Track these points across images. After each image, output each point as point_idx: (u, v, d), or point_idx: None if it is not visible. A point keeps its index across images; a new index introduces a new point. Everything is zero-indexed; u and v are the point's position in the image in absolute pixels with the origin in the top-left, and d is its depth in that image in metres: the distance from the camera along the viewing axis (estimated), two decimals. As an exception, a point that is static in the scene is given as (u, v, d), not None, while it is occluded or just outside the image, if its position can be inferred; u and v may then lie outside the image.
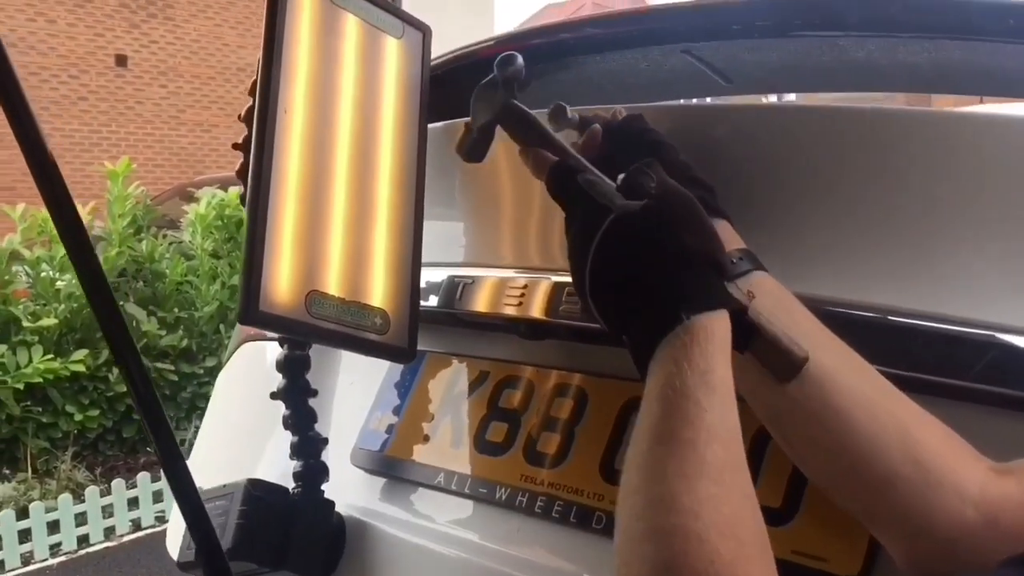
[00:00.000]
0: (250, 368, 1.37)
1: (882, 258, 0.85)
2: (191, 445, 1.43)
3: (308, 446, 1.08)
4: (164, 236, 5.79)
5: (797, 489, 0.84)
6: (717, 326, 0.67)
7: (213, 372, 5.53)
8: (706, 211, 0.80)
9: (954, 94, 0.95)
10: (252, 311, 0.92)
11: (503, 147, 0.95)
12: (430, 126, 1.14)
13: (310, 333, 0.98)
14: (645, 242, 0.70)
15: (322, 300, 0.98)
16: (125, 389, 5.05)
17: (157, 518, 4.69)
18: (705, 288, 0.68)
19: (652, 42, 1.06)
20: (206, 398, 5.40)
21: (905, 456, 0.72)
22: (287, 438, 1.09)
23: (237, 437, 1.35)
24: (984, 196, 0.82)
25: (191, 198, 6.12)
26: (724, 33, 1.03)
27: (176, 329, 5.44)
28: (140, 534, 4.62)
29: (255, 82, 1.01)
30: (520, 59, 0.83)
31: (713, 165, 0.86)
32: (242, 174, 1.05)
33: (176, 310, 5.50)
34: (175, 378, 5.32)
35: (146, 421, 0.80)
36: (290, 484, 1.08)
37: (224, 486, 1.05)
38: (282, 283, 0.95)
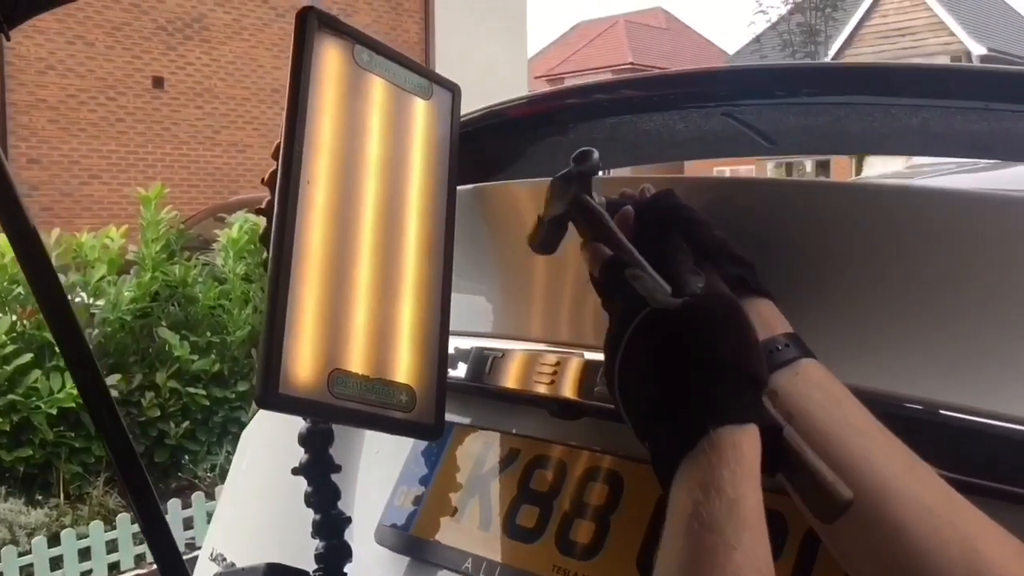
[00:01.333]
0: (275, 428, 1.33)
1: (940, 348, 0.79)
2: (223, 470, 1.39)
3: (330, 525, 1.04)
4: (197, 258, 5.81)
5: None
6: (746, 443, 0.61)
7: (244, 396, 5.54)
8: (747, 290, 0.75)
9: (1014, 161, 0.90)
10: (271, 395, 0.88)
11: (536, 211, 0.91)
12: (460, 188, 1.10)
13: (333, 415, 0.94)
14: (677, 340, 0.65)
15: (345, 379, 0.94)
16: (158, 414, 5.08)
17: (188, 545, 4.68)
18: (735, 399, 0.63)
19: (692, 103, 1.02)
20: (238, 423, 5.42)
21: (969, 574, 0.66)
22: (310, 511, 1.05)
23: (261, 504, 1.31)
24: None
25: (224, 222, 6.15)
26: (767, 96, 0.98)
27: (208, 353, 5.45)
28: (170, 561, 4.60)
29: (279, 145, 0.98)
30: (596, 154, 0.81)
31: (753, 241, 0.82)
32: (264, 240, 1.01)
33: (208, 334, 5.51)
34: (207, 403, 5.32)
35: (115, 462, 0.77)
36: (311, 563, 1.03)
37: (242, 569, 1.01)
38: (303, 363, 0.91)
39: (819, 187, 0.84)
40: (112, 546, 4.45)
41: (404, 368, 1.00)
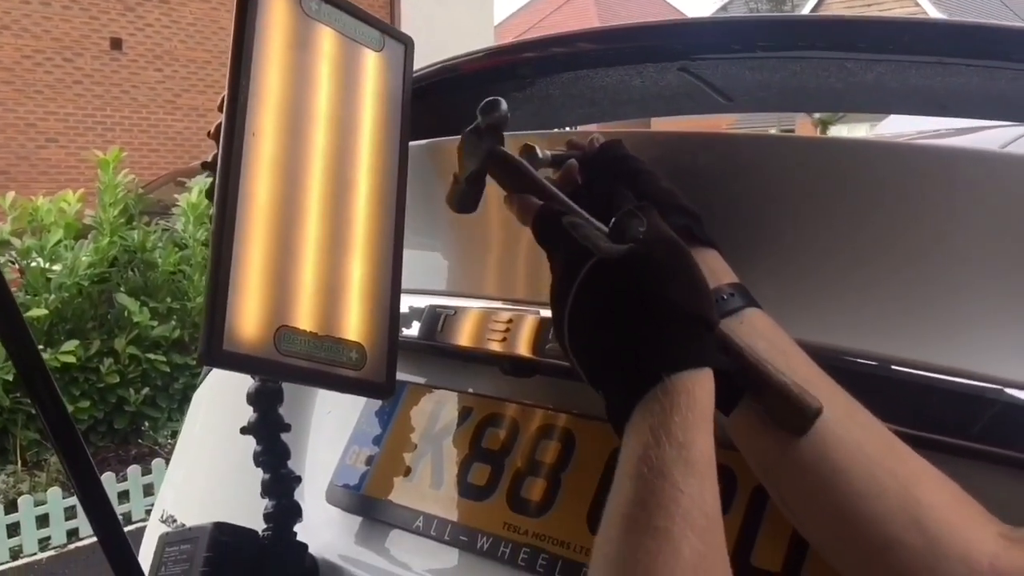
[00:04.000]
0: (225, 389, 1.31)
1: (888, 302, 0.79)
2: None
3: (280, 485, 1.02)
4: (157, 223, 5.72)
5: (799, 551, 0.78)
6: (700, 388, 0.61)
7: (206, 363, 5.47)
8: (693, 241, 0.75)
9: (966, 118, 0.89)
10: (215, 351, 0.86)
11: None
12: (412, 144, 1.07)
13: (280, 372, 0.92)
14: (627, 289, 0.64)
15: (293, 336, 0.92)
16: (117, 380, 5.02)
17: (148, 511, 4.64)
18: (688, 344, 0.62)
19: (648, 57, 1.00)
20: (199, 389, 5.37)
21: (909, 521, 0.66)
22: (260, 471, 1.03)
23: (212, 464, 1.29)
24: (1005, 240, 0.75)
25: (184, 187, 6.05)
26: (725, 51, 0.97)
27: (168, 319, 5.38)
28: (130, 528, 4.57)
29: (224, 98, 0.95)
30: (504, 104, 0.78)
31: (701, 193, 0.80)
32: (211, 195, 0.99)
33: (168, 300, 5.43)
34: (167, 369, 5.27)
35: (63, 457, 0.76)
36: (261, 522, 1.02)
37: (189, 529, 0.99)
38: (249, 319, 0.89)
39: (765, 140, 0.83)
40: (71, 512, 4.40)
41: (354, 325, 0.98)
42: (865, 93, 0.97)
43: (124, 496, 4.63)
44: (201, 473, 1.29)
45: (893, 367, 0.77)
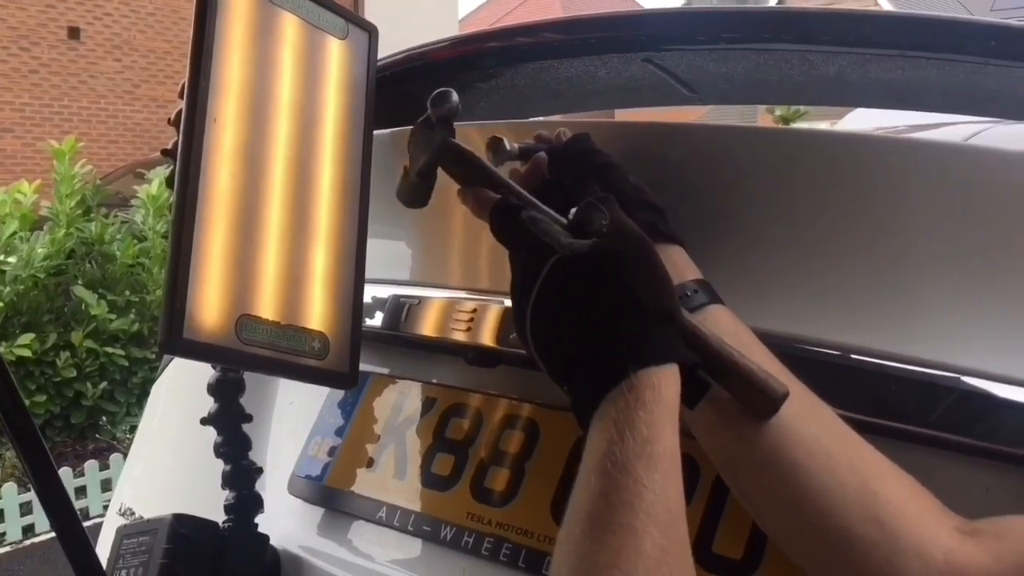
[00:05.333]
0: (186, 381, 1.29)
1: (847, 293, 0.80)
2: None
3: (241, 476, 1.01)
4: (115, 216, 5.63)
5: (759, 539, 0.79)
6: (665, 383, 0.61)
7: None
8: (658, 237, 0.75)
9: (925, 111, 0.90)
10: (175, 340, 0.85)
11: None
12: (377, 133, 1.06)
13: (241, 361, 0.91)
14: (590, 286, 0.63)
15: (254, 325, 0.91)
16: (74, 374, 4.94)
17: (105, 507, 4.58)
18: (654, 340, 0.62)
19: (612, 47, 1.00)
20: (158, 384, 5.30)
21: (865, 514, 0.67)
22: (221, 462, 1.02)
23: (171, 457, 1.27)
24: (957, 229, 0.76)
25: (143, 178, 5.96)
26: (688, 41, 0.97)
27: (127, 312, 5.30)
28: (88, 524, 4.49)
29: (184, 84, 0.93)
30: (454, 95, 0.77)
31: (669, 187, 0.81)
32: (171, 182, 0.97)
33: (127, 293, 5.35)
34: (125, 363, 5.19)
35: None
36: (221, 515, 1.01)
37: (148, 520, 0.98)
38: (209, 308, 0.88)
39: (728, 132, 0.83)
40: (26, 508, 4.33)
41: (317, 315, 0.97)
42: (827, 86, 0.98)
43: (81, 492, 4.56)
44: (160, 466, 1.27)
45: (853, 356, 0.77)
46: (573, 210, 0.67)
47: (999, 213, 0.75)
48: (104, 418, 5.16)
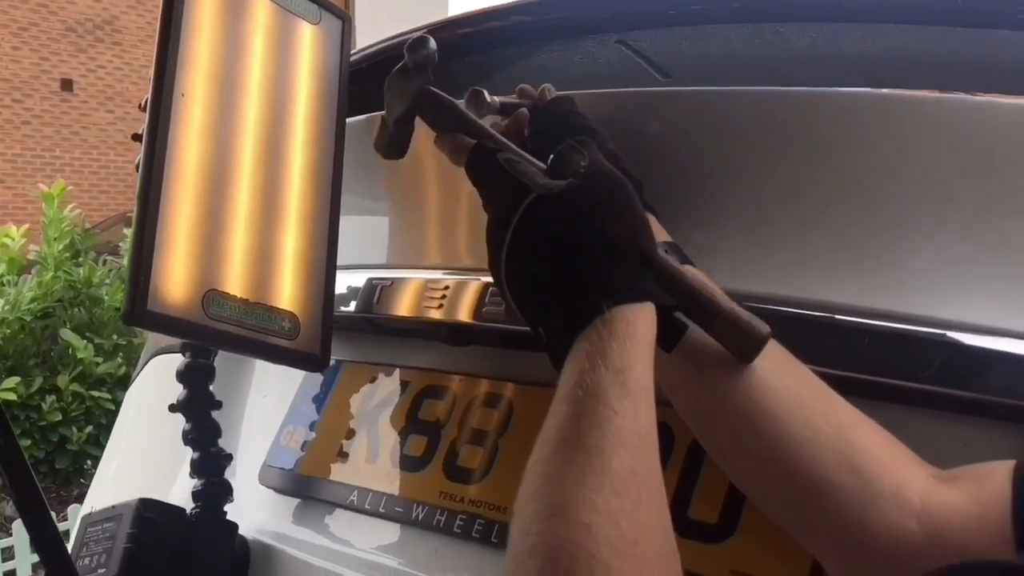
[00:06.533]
0: (161, 382, 1.27)
1: (819, 252, 0.79)
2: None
3: (209, 463, 0.99)
4: (104, 262, 5.62)
5: (735, 504, 0.77)
6: (640, 321, 0.60)
7: (153, 401, 5.34)
8: None
9: (903, 87, 0.89)
10: (139, 310, 0.83)
11: (425, 139, 0.88)
12: (352, 119, 1.06)
13: (208, 337, 0.89)
14: (567, 225, 0.63)
15: (222, 300, 0.90)
16: (59, 418, 4.88)
17: (89, 553, 4.49)
18: (629, 278, 0.61)
19: (585, 31, 1.00)
20: (145, 428, 5.24)
21: (840, 462, 0.65)
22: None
23: (146, 456, 1.25)
24: (933, 185, 0.76)
25: (133, 223, 5.94)
26: (660, 20, 0.97)
27: (114, 356, 5.25)
28: (72, 569, 4.41)
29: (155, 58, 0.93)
30: (432, 42, 0.76)
31: (647, 155, 0.80)
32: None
33: (115, 337, 5.31)
34: (112, 407, 5.11)
35: None
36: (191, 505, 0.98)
37: (113, 507, 0.95)
38: (176, 280, 0.87)
39: (705, 96, 0.83)
40: (8, 554, 4.24)
41: (287, 295, 0.96)
42: (798, 63, 0.98)
43: (66, 537, 4.47)
44: (131, 473, 1.25)
45: (824, 312, 0.76)
46: (553, 154, 0.66)
47: (971, 163, 0.74)
48: (89, 463, 5.08)
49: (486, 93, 0.78)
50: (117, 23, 12.79)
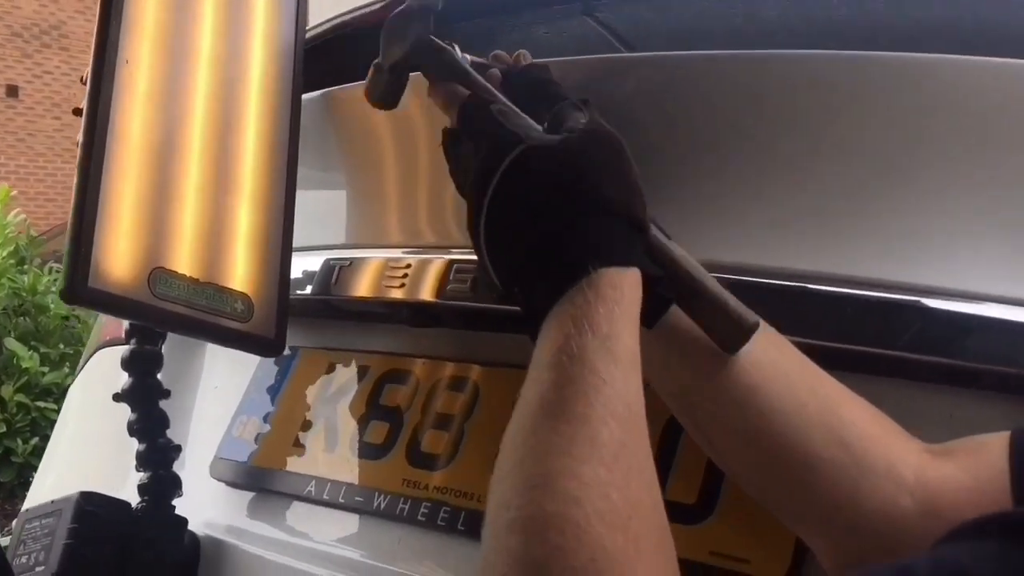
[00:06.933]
0: (105, 377, 1.21)
1: (793, 219, 0.76)
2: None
3: (156, 455, 0.93)
4: (51, 270, 5.47)
5: (713, 483, 0.74)
6: (627, 286, 0.55)
7: (101, 411, 5.21)
8: None
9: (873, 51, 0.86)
10: (79, 288, 0.78)
11: (387, 115, 0.85)
12: (308, 95, 1.02)
13: (154, 317, 0.84)
14: (558, 178, 0.58)
15: (169, 279, 0.85)
16: (3, 430, 4.73)
17: (34, 568, 4.34)
18: (620, 241, 0.57)
19: (550, 2, 0.97)
20: (93, 439, 5.11)
21: (829, 437, 0.62)
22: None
23: (90, 452, 1.18)
24: (898, 144, 0.73)
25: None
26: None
27: (60, 366, 5.11)
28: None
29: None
30: None
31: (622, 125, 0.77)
32: (83, 141, 0.91)
33: (61, 346, 5.17)
34: (56, 418, 4.98)
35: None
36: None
37: (52, 502, 0.89)
38: (119, 256, 0.82)
39: (671, 61, 0.80)
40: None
41: (240, 275, 0.91)
42: (769, 31, 0.95)
43: (8, 552, 4.33)
44: (79, 464, 1.18)
45: (801, 282, 0.73)
46: (552, 110, 0.64)
47: (941, 128, 0.72)
48: (35, 475, 4.94)
49: (457, 49, 0.74)
50: (64, 28, 12.53)
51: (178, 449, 0.95)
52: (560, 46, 1.04)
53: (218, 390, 1.08)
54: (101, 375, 1.23)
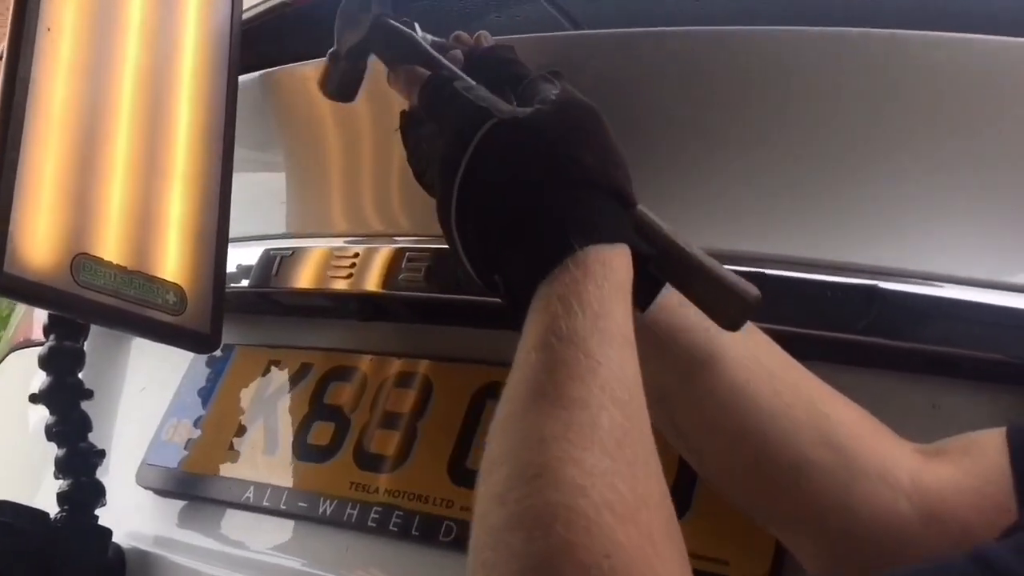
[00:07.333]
0: (19, 380, 1.12)
1: (741, 200, 0.73)
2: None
3: (77, 460, 0.86)
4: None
5: (687, 482, 0.70)
6: (618, 264, 0.51)
7: None
8: None
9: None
10: (-5, 274, 0.71)
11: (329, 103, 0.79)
12: (245, 76, 0.96)
13: (76, 307, 0.77)
14: (533, 151, 0.54)
15: (95, 266, 0.77)
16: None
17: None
18: (604, 215, 0.53)
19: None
20: None
21: (817, 438, 0.58)
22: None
23: (2, 460, 1.10)
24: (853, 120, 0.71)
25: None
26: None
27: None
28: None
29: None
30: None
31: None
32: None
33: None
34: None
35: None
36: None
37: (-42, 513, 0.81)
38: (39, 240, 0.74)
39: (638, 38, 0.76)
40: None
41: (172, 264, 0.84)
42: (721, 9, 0.92)
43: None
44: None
45: (774, 267, 0.70)
46: (522, 84, 0.60)
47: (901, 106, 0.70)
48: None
49: (418, 27, 0.70)
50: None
51: (101, 454, 0.87)
52: (511, 28, 1.00)
53: (145, 391, 1.00)
54: (15, 378, 1.14)
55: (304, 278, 0.88)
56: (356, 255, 0.85)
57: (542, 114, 0.55)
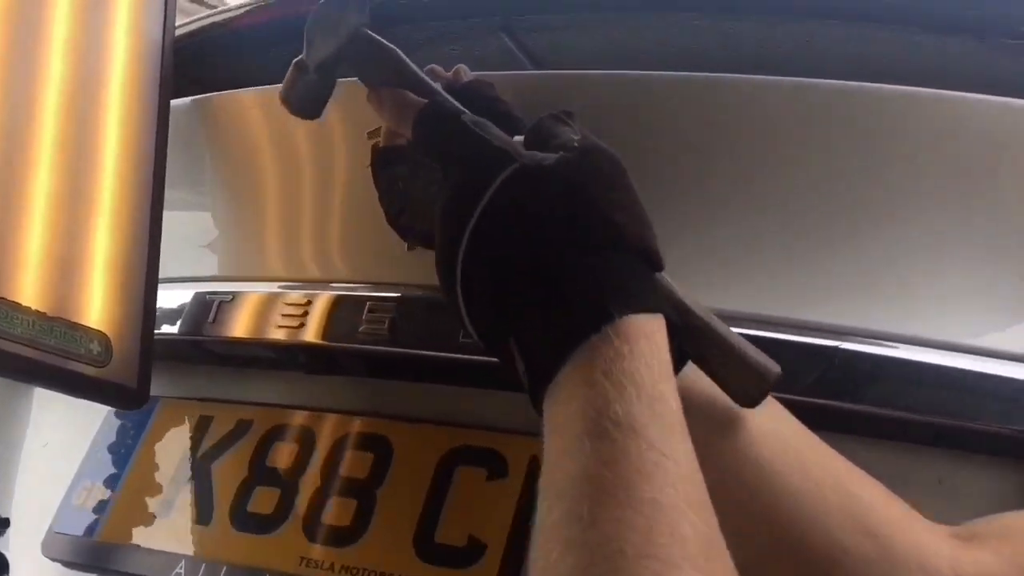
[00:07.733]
0: None
1: (705, 255, 0.70)
2: None
3: (-24, 531, 0.75)
4: None
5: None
6: (659, 338, 0.45)
7: None
8: None
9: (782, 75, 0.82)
10: None
11: (267, 117, 0.72)
12: (178, 101, 0.87)
13: (-11, 360, 0.67)
14: (557, 207, 0.48)
15: (10, 312, 0.68)
16: None
17: None
18: (640, 281, 0.47)
19: (466, 14, 0.88)
20: None
21: (850, 523, 0.52)
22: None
23: None
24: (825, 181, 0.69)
25: None
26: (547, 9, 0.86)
27: None
28: None
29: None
30: None
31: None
32: None
33: None
34: None
35: None
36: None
37: None
38: (-55, 284, 0.64)
39: (636, 80, 0.72)
40: None
41: (97, 310, 0.75)
42: (684, 53, 0.89)
43: None
44: None
45: (772, 330, 0.67)
46: (532, 124, 0.53)
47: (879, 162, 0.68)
48: None
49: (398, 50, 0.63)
50: None
51: (4, 523, 0.76)
52: (469, 63, 0.95)
53: (48, 447, 0.89)
54: None
55: (246, 326, 0.79)
56: (308, 303, 0.77)
57: (569, 162, 0.49)
